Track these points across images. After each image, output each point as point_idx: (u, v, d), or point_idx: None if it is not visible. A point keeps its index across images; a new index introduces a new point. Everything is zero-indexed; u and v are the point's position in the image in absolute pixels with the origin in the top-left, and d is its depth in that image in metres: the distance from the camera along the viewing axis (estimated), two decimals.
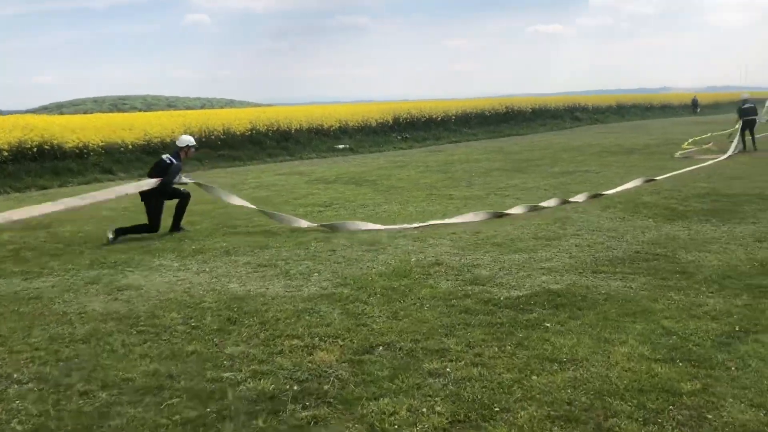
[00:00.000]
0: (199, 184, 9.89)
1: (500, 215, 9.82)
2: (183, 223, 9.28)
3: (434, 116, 31.07)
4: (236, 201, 10.18)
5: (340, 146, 24.31)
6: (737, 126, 19.42)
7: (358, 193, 13.25)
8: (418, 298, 5.62)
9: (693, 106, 53.43)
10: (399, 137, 28.27)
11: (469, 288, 5.89)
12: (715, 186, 12.37)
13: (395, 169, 18.07)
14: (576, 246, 7.56)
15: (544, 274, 6.33)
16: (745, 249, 7.09)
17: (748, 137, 19.42)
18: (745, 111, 19.45)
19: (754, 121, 19.45)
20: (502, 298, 5.52)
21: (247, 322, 5.11)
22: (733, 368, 3.88)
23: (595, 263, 6.68)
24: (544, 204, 10.59)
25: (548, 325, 4.80)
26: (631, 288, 5.72)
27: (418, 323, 4.93)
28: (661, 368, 3.91)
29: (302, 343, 4.58)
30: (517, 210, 10.09)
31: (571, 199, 10.99)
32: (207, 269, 6.97)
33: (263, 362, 4.26)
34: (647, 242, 7.64)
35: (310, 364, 4.19)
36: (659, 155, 19.23)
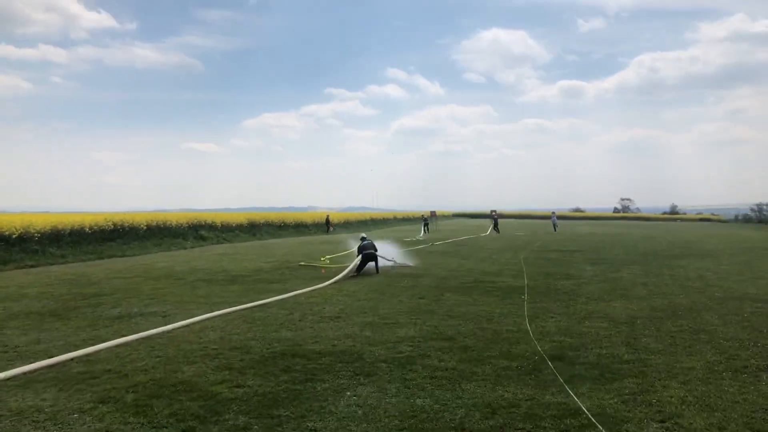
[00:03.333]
0: None
1: None
2: None
3: (9, 234, 24.11)
4: None
5: None
6: (357, 260, 18.41)
7: None
8: None
9: (326, 225, 54.91)
10: None
11: None
12: (300, 335, 9.25)
13: None
14: None
15: None
16: None
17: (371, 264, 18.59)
18: (363, 248, 18.74)
19: (372, 255, 18.60)
20: None
21: None
22: None
23: None
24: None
25: None
26: None
27: None
28: None
29: None
30: None
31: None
32: None
33: None
34: None
35: None
36: (265, 283, 16.22)
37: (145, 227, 32.01)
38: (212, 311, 11.67)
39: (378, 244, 19.78)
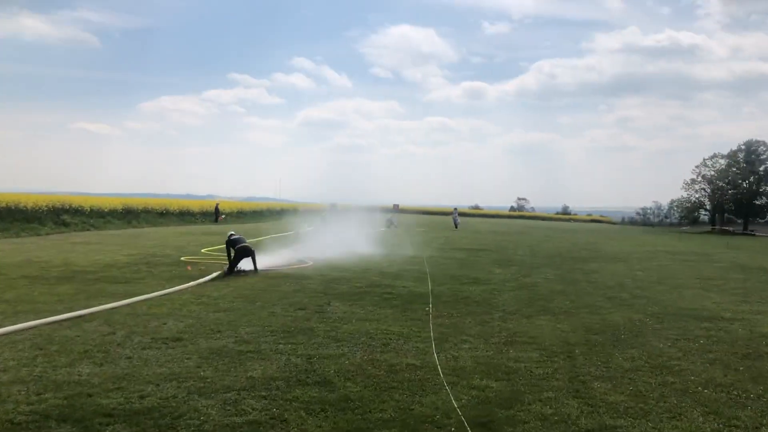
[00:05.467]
0: None
1: None
2: None
3: None
4: None
5: None
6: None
7: None
8: None
9: (215, 214, 50.78)
10: None
11: None
12: (102, 374, 6.14)
13: None
14: None
15: None
16: None
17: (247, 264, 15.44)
18: (234, 242, 15.42)
19: (248, 250, 15.43)
20: None
21: None
22: None
23: None
24: None
25: None
26: None
27: None
28: None
29: None
30: None
31: None
32: None
33: None
34: None
35: None
36: (108, 283, 12.79)
37: None
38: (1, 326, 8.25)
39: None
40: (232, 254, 15.26)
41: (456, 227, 47.39)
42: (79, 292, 11.75)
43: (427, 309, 10.70)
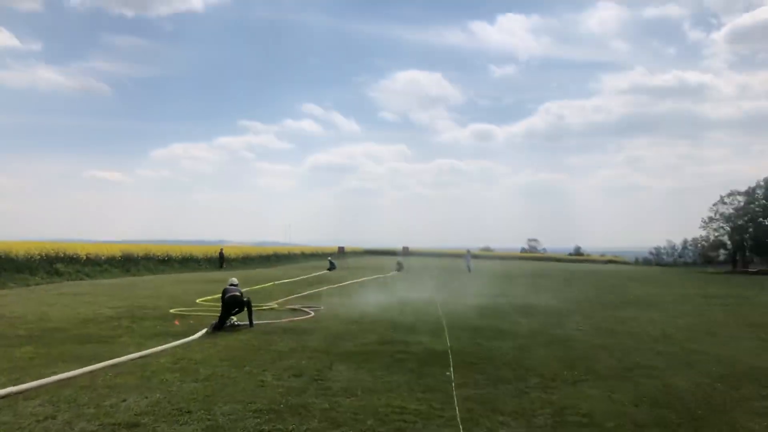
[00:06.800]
0: None
1: None
2: None
3: None
4: None
5: None
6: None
7: None
8: None
9: (220, 260, 49.19)
10: None
11: None
12: None
13: None
14: None
15: None
16: None
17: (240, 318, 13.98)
18: (224, 291, 13.92)
19: (239, 300, 13.74)
20: None
21: None
22: None
23: None
24: None
25: None
26: None
27: None
28: None
29: None
30: None
31: None
32: None
33: None
34: None
35: None
36: (78, 344, 11.07)
37: None
38: None
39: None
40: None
41: (469, 271, 45.40)
42: (38, 356, 10.02)
43: (447, 374, 8.87)
